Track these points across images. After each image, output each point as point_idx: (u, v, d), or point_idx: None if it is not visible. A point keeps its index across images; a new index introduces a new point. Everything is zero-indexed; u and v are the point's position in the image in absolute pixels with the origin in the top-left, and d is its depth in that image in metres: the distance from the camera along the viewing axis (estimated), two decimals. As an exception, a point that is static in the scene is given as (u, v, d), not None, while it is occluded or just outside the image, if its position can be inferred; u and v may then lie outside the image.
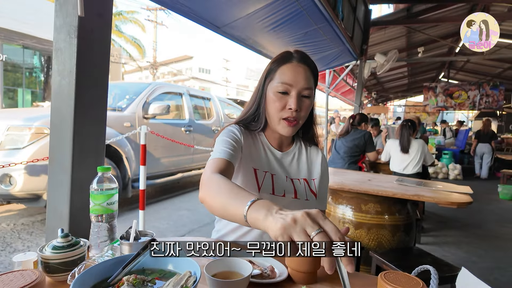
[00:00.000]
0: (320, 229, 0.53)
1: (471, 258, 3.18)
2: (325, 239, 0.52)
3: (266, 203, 0.65)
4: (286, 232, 0.54)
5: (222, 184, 0.81)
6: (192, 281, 0.63)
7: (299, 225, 0.54)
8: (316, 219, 0.55)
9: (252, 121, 1.18)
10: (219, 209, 0.79)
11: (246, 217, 0.66)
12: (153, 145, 4.44)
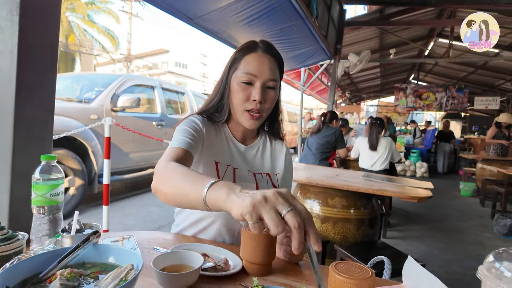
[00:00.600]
0: (291, 207, 0.52)
1: (433, 252, 3.33)
2: (296, 218, 0.51)
3: (228, 184, 0.62)
4: (255, 210, 0.52)
5: (177, 170, 0.77)
6: (133, 274, 0.60)
7: (270, 203, 0.52)
8: (286, 198, 0.54)
9: (215, 112, 1.14)
10: (174, 195, 0.74)
11: (205, 199, 0.62)
12: (122, 139, 4.29)
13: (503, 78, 10.16)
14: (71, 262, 0.67)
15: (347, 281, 0.68)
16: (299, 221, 0.51)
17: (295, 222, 0.51)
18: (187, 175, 0.73)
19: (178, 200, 0.74)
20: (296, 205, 0.54)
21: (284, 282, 0.82)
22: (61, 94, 4.39)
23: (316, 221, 2.37)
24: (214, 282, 0.79)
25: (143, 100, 4.84)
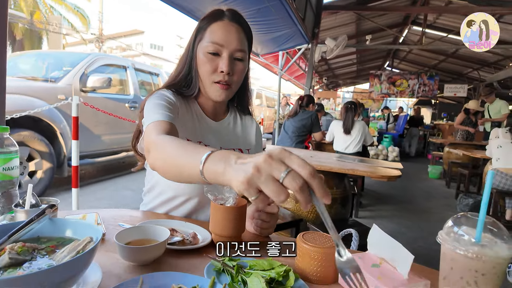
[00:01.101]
0: (288, 169, 0.46)
1: (401, 230, 3.50)
2: (296, 179, 0.45)
3: (223, 154, 0.56)
4: (251, 185, 0.46)
5: (173, 143, 0.71)
6: (91, 246, 0.56)
7: (264, 172, 0.46)
8: (281, 159, 0.47)
9: (184, 86, 1.08)
10: (174, 172, 0.69)
11: (203, 174, 0.57)
12: (93, 120, 4.11)
13: (471, 66, 10.60)
14: (24, 236, 0.62)
15: (314, 250, 0.69)
16: (300, 183, 0.45)
17: (296, 186, 0.45)
18: (181, 149, 0.67)
19: (179, 177, 0.68)
20: (292, 163, 0.47)
21: (253, 255, 0.82)
22: (25, 72, 4.12)
23: (290, 200, 2.40)
24: (181, 255, 0.78)
25: (115, 81, 4.64)
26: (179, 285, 0.59)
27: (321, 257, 0.68)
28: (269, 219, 0.92)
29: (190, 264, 0.74)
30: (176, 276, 0.63)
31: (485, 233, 0.57)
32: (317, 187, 0.47)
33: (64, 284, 0.53)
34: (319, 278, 0.69)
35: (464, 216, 0.60)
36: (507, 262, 0.53)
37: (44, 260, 0.57)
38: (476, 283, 0.54)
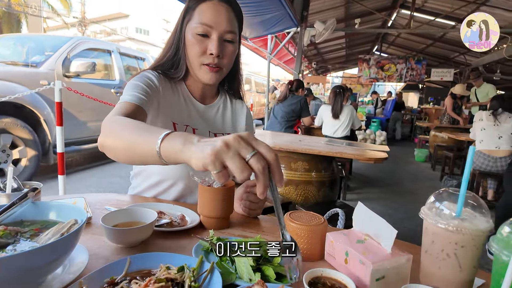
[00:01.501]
0: (255, 151, 0.48)
1: (388, 211, 3.59)
2: (260, 161, 0.48)
3: (184, 133, 0.56)
4: (218, 158, 0.48)
5: (126, 123, 0.70)
6: (75, 228, 0.56)
7: (232, 148, 0.48)
8: (249, 141, 0.50)
9: (171, 68, 1.05)
10: (124, 150, 0.67)
11: (159, 151, 0.56)
12: (78, 107, 4.01)
13: (458, 51, 10.69)
14: (6, 220, 0.61)
15: (301, 228, 0.70)
16: (264, 164, 0.48)
17: (259, 166, 0.47)
18: (137, 127, 0.66)
19: (129, 154, 0.67)
20: (259, 146, 0.50)
21: (242, 234, 0.83)
22: (4, 57, 3.96)
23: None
24: (169, 237, 0.78)
25: (99, 66, 4.50)
26: (167, 265, 0.60)
27: (308, 234, 0.69)
28: (257, 200, 0.93)
29: (178, 245, 0.74)
30: (164, 256, 0.64)
31: (466, 208, 0.59)
32: (277, 171, 0.49)
33: (50, 266, 0.52)
34: (306, 255, 0.70)
35: (446, 192, 0.61)
36: (485, 234, 0.55)
37: (27, 243, 0.56)
38: (456, 255, 0.56)
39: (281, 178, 0.51)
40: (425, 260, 0.60)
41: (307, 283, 0.57)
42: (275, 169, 0.49)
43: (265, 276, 0.60)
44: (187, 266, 0.58)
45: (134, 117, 0.80)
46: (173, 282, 0.53)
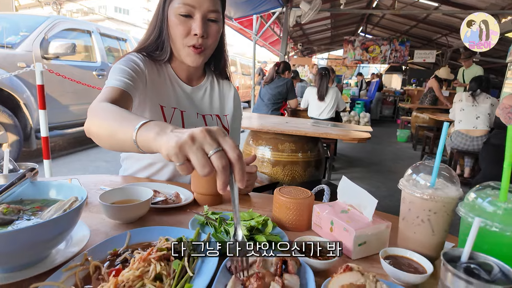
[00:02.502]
0: (219, 148, 0.48)
1: (371, 190, 3.70)
2: (222, 159, 0.47)
3: (160, 123, 0.56)
4: (181, 151, 0.48)
5: (110, 111, 0.71)
6: (77, 204, 0.58)
7: (197, 142, 0.48)
8: (216, 136, 0.49)
9: (156, 50, 1.04)
10: (107, 137, 0.68)
11: (135, 140, 0.57)
12: (59, 90, 3.89)
13: (440, 32, 10.84)
14: (7, 199, 0.63)
15: (289, 201, 0.75)
16: (224, 163, 0.47)
17: (220, 164, 0.47)
18: (118, 115, 0.67)
19: (111, 142, 0.68)
20: (225, 144, 0.49)
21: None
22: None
23: (268, 165, 2.48)
24: (165, 213, 0.82)
25: (80, 47, 4.34)
26: (166, 237, 0.63)
27: (296, 207, 0.74)
28: (248, 178, 0.97)
29: (174, 220, 0.78)
30: (162, 230, 0.68)
31: (439, 179, 0.65)
32: (238, 171, 0.49)
33: (54, 240, 0.55)
34: (294, 226, 0.75)
35: (422, 164, 0.67)
36: (455, 201, 0.62)
37: (31, 220, 0.58)
38: (429, 220, 0.62)
39: (242, 178, 0.49)
40: (402, 226, 0.67)
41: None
42: (236, 169, 0.49)
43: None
44: (185, 237, 0.63)
45: (120, 103, 0.81)
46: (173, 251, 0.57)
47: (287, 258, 0.55)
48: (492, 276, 0.44)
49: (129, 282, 0.49)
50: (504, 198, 0.50)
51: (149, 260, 0.53)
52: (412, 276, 0.55)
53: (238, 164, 0.48)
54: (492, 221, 0.49)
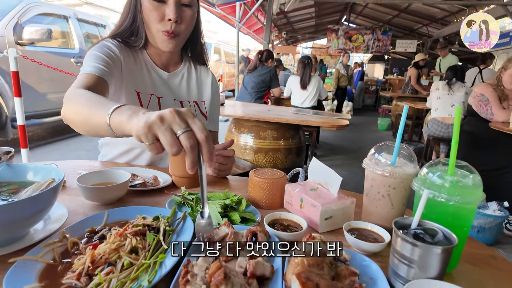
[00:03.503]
0: (188, 128, 0.50)
1: (350, 175, 3.84)
2: (191, 138, 0.49)
3: (133, 107, 0.58)
4: (150, 131, 0.49)
5: (84, 97, 0.72)
6: (54, 184, 0.60)
7: (166, 123, 0.49)
8: (185, 118, 0.51)
9: (130, 36, 1.04)
10: (82, 123, 0.70)
11: (109, 124, 0.58)
12: (35, 78, 3.77)
13: (421, 22, 11.04)
14: (-18, 182, 0.64)
15: (263, 181, 0.79)
16: (192, 143, 0.49)
17: (188, 144, 0.48)
18: (92, 101, 0.68)
19: (86, 128, 0.70)
20: (193, 125, 0.50)
21: (211, 190, 0.90)
22: None
23: (250, 152, 2.52)
24: (144, 195, 0.84)
25: (56, 33, 4.19)
26: (143, 215, 0.66)
27: (269, 186, 0.78)
28: (226, 162, 1.00)
29: (152, 201, 0.80)
30: (140, 209, 0.70)
31: (399, 157, 0.70)
32: (206, 151, 0.50)
33: (32, 219, 0.57)
34: (268, 204, 0.80)
35: (385, 144, 0.72)
36: (412, 177, 0.67)
37: (9, 199, 0.60)
38: (389, 195, 0.68)
39: (210, 159, 0.51)
40: (366, 202, 0.72)
41: (268, 224, 0.66)
42: (203, 149, 0.50)
43: (231, 221, 0.69)
44: (161, 216, 0.66)
45: (96, 89, 0.82)
46: (149, 227, 0.60)
47: (257, 230, 0.59)
48: (435, 239, 0.49)
49: (105, 255, 0.52)
50: (451, 172, 0.56)
51: (125, 235, 0.55)
52: (371, 245, 0.60)
53: (206, 145, 0.50)
54: (439, 193, 0.54)
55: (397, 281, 0.51)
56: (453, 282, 0.46)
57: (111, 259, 0.51)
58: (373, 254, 0.62)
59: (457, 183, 0.54)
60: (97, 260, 0.51)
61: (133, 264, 0.51)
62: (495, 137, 2.51)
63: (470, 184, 0.54)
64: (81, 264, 0.50)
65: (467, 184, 0.54)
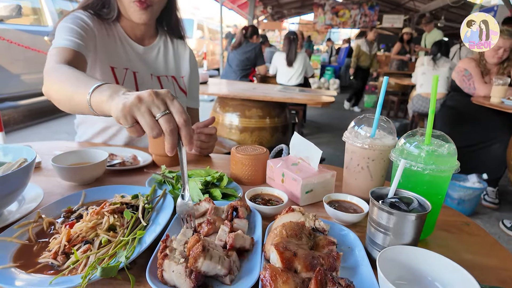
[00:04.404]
0: (166, 111, 0.48)
1: (336, 153, 3.90)
2: (170, 122, 0.48)
3: (114, 86, 0.56)
4: (129, 112, 0.48)
5: (66, 74, 0.69)
6: (26, 164, 0.58)
7: (144, 104, 0.48)
8: (164, 99, 0.49)
9: (102, 8, 0.99)
10: (65, 101, 0.68)
11: (89, 103, 0.57)
12: (6, 57, 3.58)
13: (408, -4, 10.93)
14: (-51, 164, 0.61)
15: (244, 157, 0.79)
16: (172, 126, 0.48)
17: (168, 128, 0.48)
18: (74, 79, 0.66)
19: (69, 106, 0.68)
20: (172, 107, 0.49)
21: (193, 169, 0.90)
22: None
23: (236, 132, 2.51)
24: (122, 174, 0.83)
25: (26, 10, 3.96)
26: (122, 194, 0.65)
27: (251, 162, 0.78)
28: (208, 140, 0.98)
29: (132, 181, 0.79)
30: (118, 188, 0.69)
31: (379, 130, 0.70)
32: (185, 134, 0.49)
33: (3, 200, 0.55)
34: (250, 180, 0.80)
35: (365, 117, 0.72)
36: (391, 149, 0.68)
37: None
38: (368, 167, 0.68)
39: (189, 142, 0.50)
40: (345, 174, 0.73)
41: (249, 199, 0.66)
42: (182, 133, 0.49)
43: (213, 197, 0.68)
44: (140, 194, 0.65)
45: (75, 64, 0.79)
46: (127, 205, 0.59)
47: (238, 205, 0.59)
48: (410, 207, 0.50)
49: (82, 233, 0.51)
50: (428, 142, 0.56)
51: (102, 213, 0.54)
52: (349, 215, 0.61)
53: (185, 129, 0.49)
54: (416, 162, 0.55)
55: (374, 249, 0.53)
56: (427, 247, 0.47)
57: (88, 238, 0.51)
58: (352, 225, 0.64)
59: (433, 153, 0.55)
60: (74, 238, 0.50)
61: (111, 242, 0.50)
62: (477, 112, 2.56)
63: (445, 153, 0.55)
64: (57, 243, 0.49)
65: (442, 153, 0.55)
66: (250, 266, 0.48)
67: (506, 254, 0.58)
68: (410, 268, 0.46)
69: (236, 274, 0.46)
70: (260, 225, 0.57)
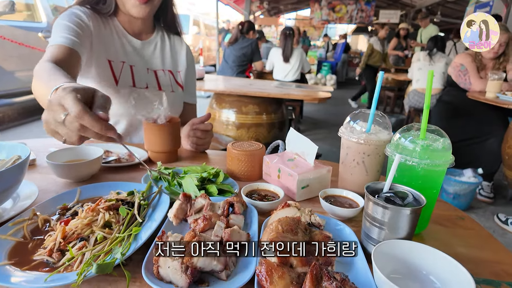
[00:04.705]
0: (66, 112, 0.50)
1: (332, 149, 3.91)
2: (72, 122, 0.50)
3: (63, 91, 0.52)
4: (51, 133, 0.52)
5: (46, 71, 0.70)
6: (20, 161, 0.57)
7: (50, 119, 0.51)
8: (59, 103, 0.50)
9: (99, 2, 0.99)
10: (40, 98, 0.69)
11: None
12: (1, 54, 3.53)
13: (404, -9, 10.90)
14: None
15: (241, 153, 0.79)
16: (77, 125, 0.50)
17: (73, 127, 0.50)
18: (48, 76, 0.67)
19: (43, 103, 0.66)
20: (67, 105, 0.50)
21: (189, 165, 0.89)
22: None
23: (232, 128, 2.50)
24: (118, 171, 0.82)
25: (20, 5, 3.90)
26: (117, 190, 0.65)
27: (247, 158, 0.78)
28: (204, 136, 0.98)
29: (127, 177, 0.79)
30: (114, 185, 0.69)
31: (374, 125, 0.70)
32: (90, 124, 0.50)
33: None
34: (247, 176, 0.80)
35: (361, 112, 0.72)
36: (386, 143, 0.68)
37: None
38: (364, 162, 0.69)
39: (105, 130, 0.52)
40: (341, 170, 0.73)
41: (245, 194, 0.66)
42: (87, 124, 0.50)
43: (209, 193, 0.68)
44: (136, 190, 0.64)
45: (67, 61, 0.80)
46: (123, 201, 0.59)
47: (234, 200, 0.59)
48: (405, 202, 0.51)
49: (77, 230, 0.51)
50: (423, 137, 0.57)
51: (98, 210, 0.54)
52: (345, 210, 0.62)
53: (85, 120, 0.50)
54: (411, 157, 0.55)
55: (369, 243, 0.53)
56: (422, 242, 0.48)
57: (83, 234, 0.50)
58: (348, 220, 0.64)
59: (427, 147, 0.55)
60: (69, 235, 0.50)
61: (106, 239, 0.50)
62: (472, 106, 2.57)
63: (440, 147, 0.55)
64: (53, 240, 0.49)
65: (437, 147, 0.55)
66: (246, 261, 0.48)
67: (500, 247, 0.59)
68: (405, 262, 0.47)
69: (232, 269, 0.46)
70: (256, 221, 0.57)
